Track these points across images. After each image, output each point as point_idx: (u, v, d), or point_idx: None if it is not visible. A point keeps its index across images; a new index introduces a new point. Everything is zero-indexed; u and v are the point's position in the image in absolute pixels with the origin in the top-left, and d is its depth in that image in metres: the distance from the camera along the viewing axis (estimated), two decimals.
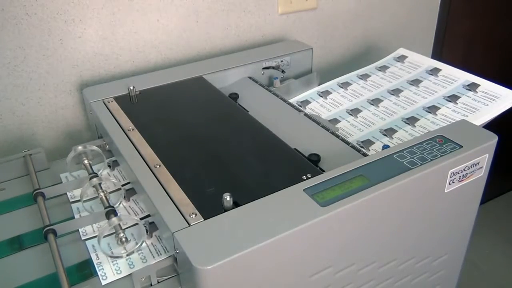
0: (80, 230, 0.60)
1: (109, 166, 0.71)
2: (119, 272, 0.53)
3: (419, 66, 0.88)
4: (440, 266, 0.67)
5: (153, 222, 0.59)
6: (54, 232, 0.57)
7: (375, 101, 0.81)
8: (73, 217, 0.62)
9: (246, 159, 0.62)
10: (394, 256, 0.59)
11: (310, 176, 0.56)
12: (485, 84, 0.78)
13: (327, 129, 0.69)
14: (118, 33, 0.86)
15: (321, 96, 0.85)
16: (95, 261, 0.55)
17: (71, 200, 0.65)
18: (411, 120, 0.75)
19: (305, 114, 0.74)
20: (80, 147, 0.68)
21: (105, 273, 0.53)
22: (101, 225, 0.60)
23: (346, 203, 0.50)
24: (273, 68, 0.91)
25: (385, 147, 0.69)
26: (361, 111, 0.80)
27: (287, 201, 0.51)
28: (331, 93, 0.86)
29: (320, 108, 0.82)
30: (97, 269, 0.54)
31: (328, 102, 0.84)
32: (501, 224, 1.73)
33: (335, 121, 0.78)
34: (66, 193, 0.66)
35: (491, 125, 0.70)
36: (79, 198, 0.65)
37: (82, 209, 0.63)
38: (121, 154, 0.63)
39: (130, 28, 0.86)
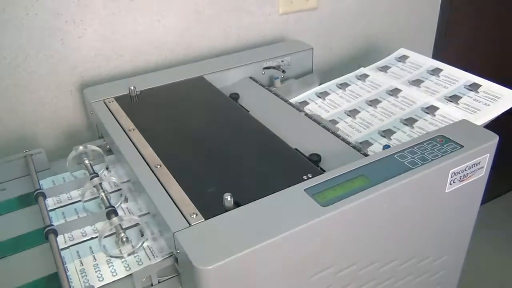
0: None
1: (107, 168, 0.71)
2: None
3: (421, 66, 0.88)
4: (441, 266, 0.67)
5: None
6: (55, 232, 0.57)
7: (374, 102, 0.81)
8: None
9: (247, 159, 0.62)
10: (395, 256, 0.59)
11: (311, 176, 0.56)
12: (487, 84, 0.78)
13: (328, 129, 0.69)
14: (119, 33, 0.86)
15: (320, 97, 0.85)
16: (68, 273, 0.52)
17: (48, 209, 0.63)
18: (410, 121, 0.74)
19: (306, 114, 0.74)
20: (81, 147, 0.68)
21: (73, 286, 0.51)
22: (73, 235, 0.58)
23: (347, 203, 0.50)
24: (274, 68, 0.91)
25: (386, 147, 0.69)
26: (359, 112, 0.79)
27: (288, 201, 0.51)
28: (329, 94, 0.86)
29: (318, 109, 0.82)
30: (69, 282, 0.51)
31: (326, 103, 0.83)
32: (501, 224, 1.72)
33: (333, 122, 0.78)
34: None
35: (492, 125, 0.69)
36: (55, 206, 0.63)
37: (61, 217, 0.61)
38: (122, 154, 0.63)
39: (131, 28, 0.86)
